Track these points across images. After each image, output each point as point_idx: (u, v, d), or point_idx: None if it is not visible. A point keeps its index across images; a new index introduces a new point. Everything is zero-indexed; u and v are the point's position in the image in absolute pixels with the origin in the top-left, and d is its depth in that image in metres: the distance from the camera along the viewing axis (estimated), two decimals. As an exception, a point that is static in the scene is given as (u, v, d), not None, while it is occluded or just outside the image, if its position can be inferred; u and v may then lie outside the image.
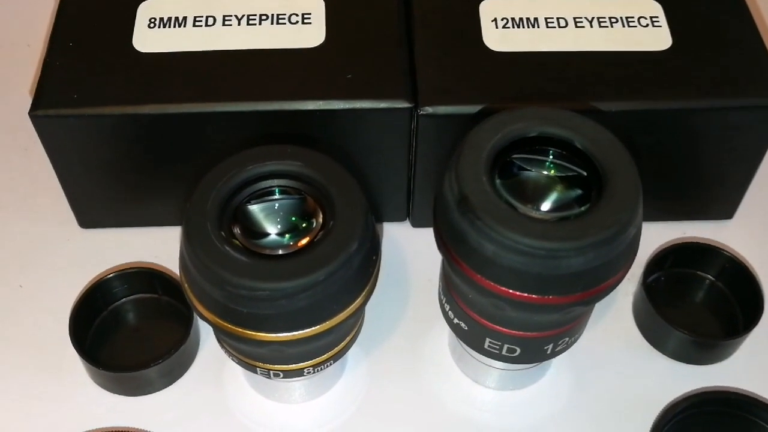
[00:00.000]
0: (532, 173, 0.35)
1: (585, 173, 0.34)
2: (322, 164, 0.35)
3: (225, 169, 0.35)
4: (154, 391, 0.42)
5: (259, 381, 0.41)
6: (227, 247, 0.33)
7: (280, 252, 0.34)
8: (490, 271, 0.33)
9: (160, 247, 0.47)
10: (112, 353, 0.43)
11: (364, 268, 0.35)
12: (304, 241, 0.34)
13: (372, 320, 0.42)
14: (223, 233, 0.34)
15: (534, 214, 0.34)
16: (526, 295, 0.33)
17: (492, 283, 0.33)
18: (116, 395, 0.42)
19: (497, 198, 0.33)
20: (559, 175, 0.35)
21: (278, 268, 0.33)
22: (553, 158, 0.35)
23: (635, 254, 0.34)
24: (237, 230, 0.35)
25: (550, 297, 0.33)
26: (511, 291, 0.33)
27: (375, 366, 0.43)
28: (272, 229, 0.35)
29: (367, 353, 0.44)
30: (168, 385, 0.42)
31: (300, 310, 0.33)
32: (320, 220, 0.35)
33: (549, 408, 0.42)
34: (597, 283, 0.33)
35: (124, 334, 0.44)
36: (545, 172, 0.35)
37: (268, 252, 0.34)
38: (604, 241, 0.32)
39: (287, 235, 0.35)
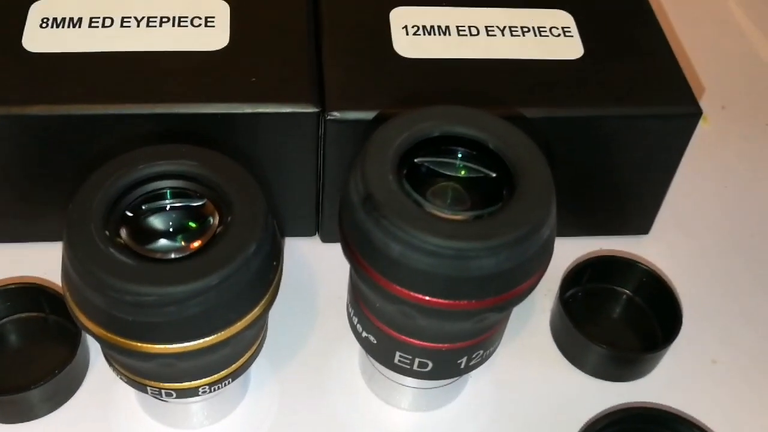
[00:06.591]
0: (441, 175, 0.33)
1: (495, 174, 0.33)
2: (218, 163, 0.33)
3: (113, 168, 0.32)
4: (37, 417, 0.38)
5: (153, 404, 0.38)
6: (111, 249, 0.30)
7: (173, 256, 0.32)
8: (397, 273, 0.31)
9: (51, 263, 0.43)
10: (-8, 377, 0.39)
11: (263, 274, 0.32)
12: (197, 244, 0.32)
13: (278, 339, 0.40)
14: (108, 234, 0.31)
15: (443, 213, 0.32)
16: (435, 300, 0.31)
17: (399, 288, 0.31)
18: (-4, 423, 0.38)
19: (404, 196, 0.31)
20: (470, 176, 0.33)
21: (167, 271, 0.30)
22: (463, 159, 0.34)
23: (550, 258, 0.33)
24: (125, 234, 0.32)
25: (461, 302, 0.31)
26: (419, 295, 0.31)
27: (280, 386, 0.41)
28: (164, 233, 0.33)
29: (273, 372, 0.41)
30: (52, 410, 0.39)
31: (191, 318, 0.30)
32: (216, 222, 0.33)
33: (465, 429, 0.40)
34: (510, 287, 0.31)
35: (6, 356, 0.40)
36: (455, 175, 0.34)
37: (159, 256, 0.32)
38: (516, 240, 0.30)
39: (179, 236, 0.32)
